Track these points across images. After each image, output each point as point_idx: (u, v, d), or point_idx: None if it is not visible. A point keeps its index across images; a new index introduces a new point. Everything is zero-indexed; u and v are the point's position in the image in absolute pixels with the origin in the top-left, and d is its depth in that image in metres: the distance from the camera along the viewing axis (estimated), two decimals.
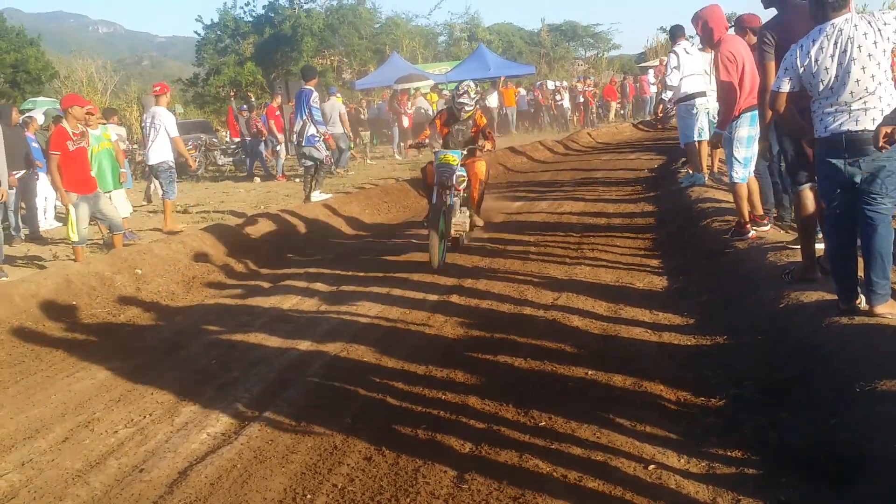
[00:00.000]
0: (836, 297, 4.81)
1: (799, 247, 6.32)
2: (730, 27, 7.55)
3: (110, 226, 9.20)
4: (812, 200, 5.43)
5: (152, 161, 11.24)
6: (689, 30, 11.50)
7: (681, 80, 10.94)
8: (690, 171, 11.76)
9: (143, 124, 11.04)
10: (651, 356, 5.01)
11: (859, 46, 4.39)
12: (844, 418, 3.64)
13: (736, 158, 6.95)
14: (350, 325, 6.28)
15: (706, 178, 11.17)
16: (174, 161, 11.38)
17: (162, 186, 11.43)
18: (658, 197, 11.92)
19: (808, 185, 5.41)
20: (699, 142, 11.00)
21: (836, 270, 4.77)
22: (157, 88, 11.74)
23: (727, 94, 6.78)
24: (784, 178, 6.75)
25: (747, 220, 7.22)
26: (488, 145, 8.69)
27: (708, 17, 7.09)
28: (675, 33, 11.45)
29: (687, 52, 11.03)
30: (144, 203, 14.47)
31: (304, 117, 12.69)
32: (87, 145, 9.02)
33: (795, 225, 6.23)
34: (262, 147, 19.77)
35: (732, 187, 7.19)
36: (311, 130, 12.70)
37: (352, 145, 19.48)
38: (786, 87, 4.74)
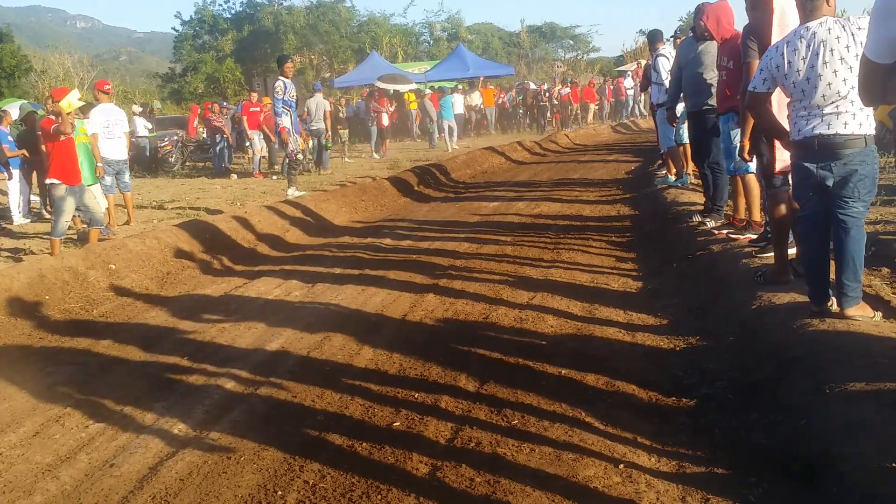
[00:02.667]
0: (807, 299, 4.86)
1: (759, 248, 6.41)
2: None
3: (91, 220, 9.13)
4: (786, 203, 5.48)
5: (121, 157, 11.20)
6: (670, 33, 11.69)
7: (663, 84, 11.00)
8: (670, 175, 11.85)
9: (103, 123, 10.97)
10: (624, 356, 5.04)
11: (831, 50, 4.41)
12: (814, 420, 3.67)
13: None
14: (325, 322, 6.26)
15: (688, 180, 11.28)
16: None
17: (118, 182, 11.34)
18: (635, 199, 12.00)
19: (782, 188, 5.46)
20: (681, 145, 11.06)
21: (809, 273, 4.81)
22: (109, 86, 11.84)
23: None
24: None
25: (759, 217, 7.20)
26: None
27: (720, 13, 7.12)
28: (655, 38, 11.51)
29: (667, 58, 11.11)
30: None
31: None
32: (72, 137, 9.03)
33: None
34: (222, 144, 19.72)
35: (743, 179, 7.17)
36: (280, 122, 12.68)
37: (329, 144, 19.47)
38: (761, 87, 4.76)
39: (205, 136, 20.67)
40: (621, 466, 3.52)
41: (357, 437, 4.02)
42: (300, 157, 13.29)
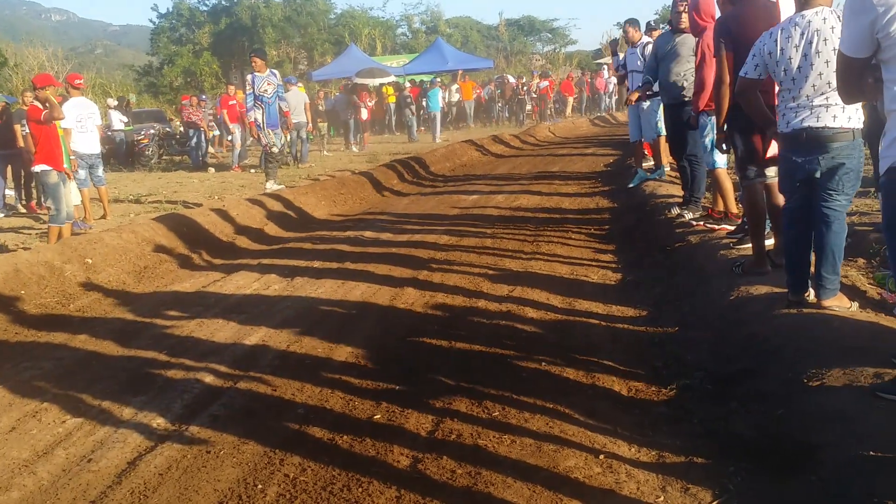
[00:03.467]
0: (784, 289, 4.89)
1: (736, 240, 6.45)
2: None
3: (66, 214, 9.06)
4: (761, 195, 5.51)
5: (94, 151, 11.11)
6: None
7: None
8: (641, 169, 11.88)
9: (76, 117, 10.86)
10: (604, 348, 5.06)
11: (825, 40, 4.36)
12: (791, 409, 3.70)
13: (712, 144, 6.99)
14: (304, 316, 6.24)
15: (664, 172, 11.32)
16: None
17: (91, 176, 11.23)
18: (613, 191, 12.04)
19: (756, 179, 5.49)
20: (661, 136, 11.03)
21: (790, 264, 4.79)
22: (81, 80, 11.75)
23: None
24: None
25: (735, 209, 7.26)
26: None
27: (700, 4, 7.13)
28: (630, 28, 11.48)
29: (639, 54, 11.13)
30: None
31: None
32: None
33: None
34: (200, 138, 19.61)
35: (712, 173, 7.23)
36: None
37: (311, 136, 19.41)
38: (752, 73, 4.73)
39: (182, 129, 20.52)
40: (601, 457, 3.54)
41: (337, 429, 4.01)
42: (275, 150, 13.16)
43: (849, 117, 4.42)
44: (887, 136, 2.84)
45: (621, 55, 12.80)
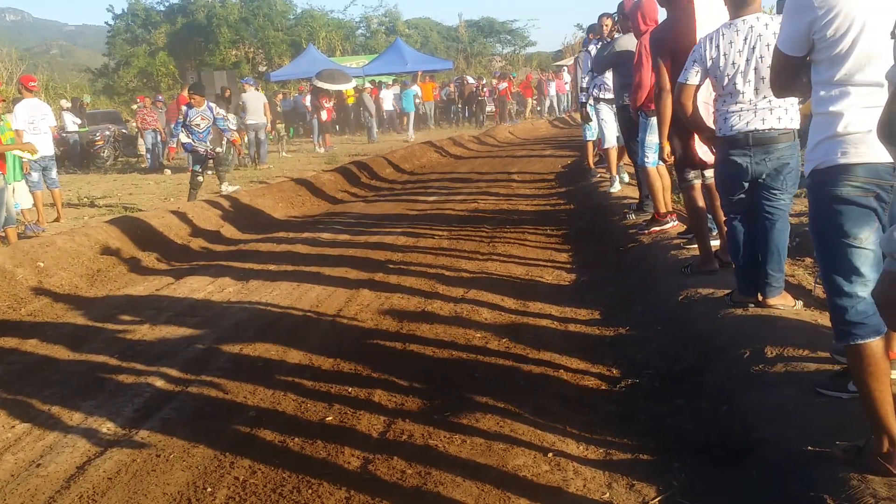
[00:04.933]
0: (729, 289, 4.98)
1: (686, 240, 6.56)
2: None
3: (6, 219, 8.88)
4: (701, 196, 5.60)
5: (47, 153, 10.96)
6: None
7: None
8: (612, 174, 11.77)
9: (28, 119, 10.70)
10: (556, 348, 5.10)
11: (767, 45, 4.37)
12: (735, 406, 3.79)
13: (648, 144, 7.07)
14: (258, 319, 6.22)
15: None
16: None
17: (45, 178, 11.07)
18: (570, 192, 12.15)
19: (696, 181, 5.59)
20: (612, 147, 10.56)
21: (743, 267, 4.82)
22: (35, 83, 11.59)
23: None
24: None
25: (664, 208, 7.37)
26: None
27: (644, 7, 7.17)
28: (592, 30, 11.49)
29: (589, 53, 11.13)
30: None
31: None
32: None
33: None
34: (156, 139, 19.44)
35: (643, 171, 7.32)
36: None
37: (271, 136, 19.29)
38: (693, 79, 4.69)
39: (137, 130, 20.30)
40: (550, 455, 3.58)
41: (289, 432, 4.01)
42: (219, 150, 13.01)
43: (791, 118, 4.51)
44: (811, 138, 2.91)
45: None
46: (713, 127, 4.77)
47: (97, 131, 21.34)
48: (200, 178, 12.37)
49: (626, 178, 10.95)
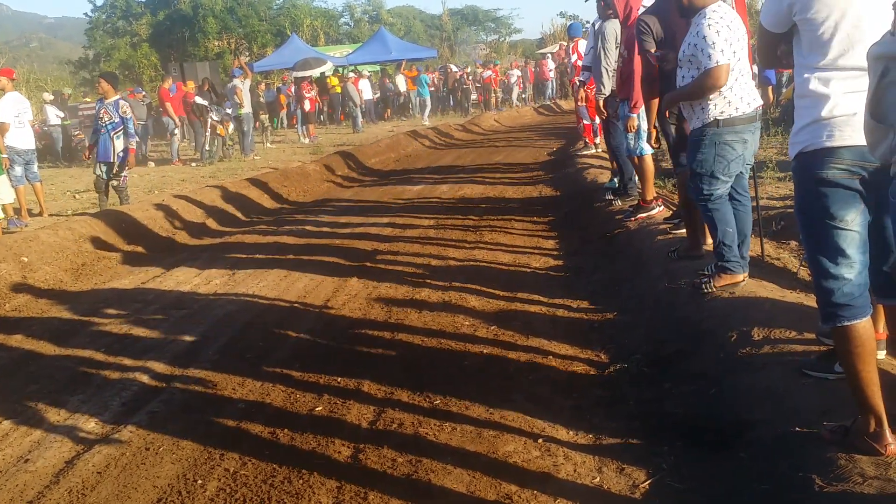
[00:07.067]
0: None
1: (672, 225, 6.57)
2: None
3: None
4: None
5: (30, 147, 10.84)
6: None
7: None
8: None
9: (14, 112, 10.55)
10: (545, 334, 5.11)
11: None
12: (723, 388, 3.82)
13: (641, 132, 7.03)
14: (246, 310, 6.20)
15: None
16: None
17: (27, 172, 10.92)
18: (556, 179, 12.14)
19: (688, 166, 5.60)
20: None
21: (734, 247, 4.82)
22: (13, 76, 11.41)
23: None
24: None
25: (651, 194, 7.37)
26: None
27: None
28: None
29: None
30: None
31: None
32: None
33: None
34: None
35: (640, 159, 7.30)
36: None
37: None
38: (725, 58, 4.48)
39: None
40: (540, 441, 3.59)
41: (279, 423, 4.00)
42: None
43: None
44: (796, 122, 2.93)
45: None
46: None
47: (79, 125, 21.14)
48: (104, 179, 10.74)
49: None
